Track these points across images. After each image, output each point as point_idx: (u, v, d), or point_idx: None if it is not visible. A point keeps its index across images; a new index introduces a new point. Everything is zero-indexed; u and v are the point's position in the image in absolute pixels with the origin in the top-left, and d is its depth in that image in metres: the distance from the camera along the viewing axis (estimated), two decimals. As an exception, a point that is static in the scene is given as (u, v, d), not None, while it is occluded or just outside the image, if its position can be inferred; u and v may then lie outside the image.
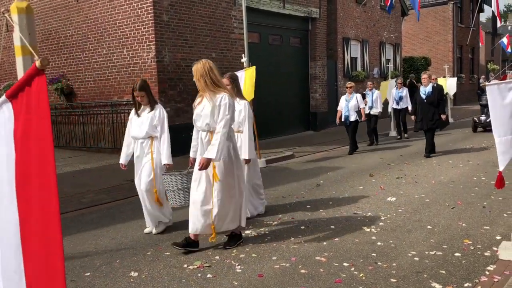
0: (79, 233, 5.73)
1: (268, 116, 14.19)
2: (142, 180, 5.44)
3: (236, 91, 5.68)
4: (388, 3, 18.90)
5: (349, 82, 11.65)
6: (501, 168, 4.33)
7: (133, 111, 5.60)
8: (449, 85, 17.75)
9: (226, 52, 12.79)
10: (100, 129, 12.08)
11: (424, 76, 10.42)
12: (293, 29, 16.08)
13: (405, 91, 13.52)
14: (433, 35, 29.33)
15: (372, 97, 12.57)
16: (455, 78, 19.15)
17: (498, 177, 4.33)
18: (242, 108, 5.65)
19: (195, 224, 4.72)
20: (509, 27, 36.43)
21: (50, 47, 13.40)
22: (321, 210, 6.25)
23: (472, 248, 4.60)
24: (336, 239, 5.03)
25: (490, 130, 13.83)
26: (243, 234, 5.13)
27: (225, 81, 5.63)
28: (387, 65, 19.82)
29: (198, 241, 4.81)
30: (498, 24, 25.19)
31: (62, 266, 1.24)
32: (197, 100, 4.79)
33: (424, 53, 27.79)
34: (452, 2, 28.61)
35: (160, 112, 5.46)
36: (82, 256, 4.86)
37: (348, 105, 11.08)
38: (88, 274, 4.35)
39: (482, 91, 15.51)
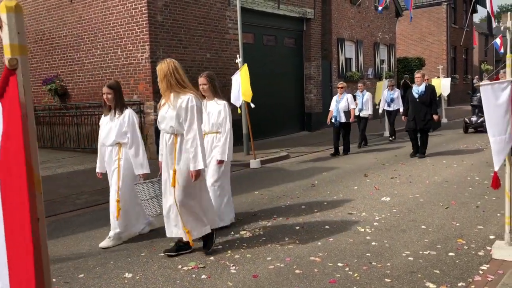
0: (73, 234, 5.70)
1: (262, 116, 14.19)
2: (111, 188, 5.22)
3: (214, 91, 5.49)
4: (382, 4, 18.96)
5: (340, 82, 11.44)
6: (496, 168, 4.33)
7: (103, 116, 5.33)
8: (443, 85, 17.79)
9: (221, 53, 12.78)
10: (95, 130, 12.02)
11: (417, 75, 10.30)
12: (288, 30, 16.09)
13: (396, 93, 13.24)
14: (427, 36, 29.45)
15: (363, 99, 12.25)
16: (449, 79, 19.21)
17: (494, 177, 4.33)
18: (222, 109, 5.42)
19: (169, 229, 4.65)
20: (502, 28, 36.64)
21: (44, 47, 13.34)
22: (315, 210, 6.26)
23: (466, 247, 4.61)
24: (331, 239, 5.04)
25: (481, 131, 13.74)
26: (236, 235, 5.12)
27: (202, 80, 5.46)
28: (381, 66, 19.87)
29: (189, 242, 4.70)
30: (493, 25, 25.31)
31: (32, 273, 1.22)
32: (162, 101, 4.58)
33: (418, 54, 27.90)
34: (446, 3, 28.75)
35: (129, 117, 5.14)
36: (76, 257, 4.83)
37: (338, 105, 10.87)
38: (82, 275, 4.33)
39: (473, 92, 15.55)
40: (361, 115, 12.13)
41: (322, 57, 17.51)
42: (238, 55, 10.58)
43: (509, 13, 4.32)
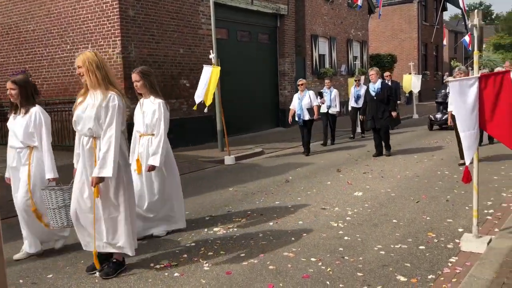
0: (42, 233, 5.55)
1: (237, 113, 14.15)
2: (18, 196, 4.60)
3: (150, 88, 5.08)
4: (357, 1, 19.16)
5: (300, 80, 11.09)
6: (467, 163, 4.41)
7: (12, 115, 4.73)
8: (414, 82, 18.10)
9: (194, 48, 12.67)
10: (65, 126, 11.76)
11: (371, 72, 10.06)
12: (262, 26, 16.08)
13: (363, 90, 12.78)
14: (399, 33, 29.91)
15: (330, 95, 12.05)
16: (420, 76, 19.56)
17: (465, 172, 4.41)
18: (157, 108, 4.99)
19: (83, 240, 4.22)
20: (469, 25, 37.54)
21: (11, 41, 12.95)
22: (289, 206, 6.28)
23: (436, 240, 4.70)
24: (304, 234, 5.06)
25: (446, 128, 13.85)
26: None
27: (134, 76, 5.07)
28: (354, 62, 20.09)
29: (124, 259, 4.26)
30: (467, 23, 25.93)
31: None
32: (79, 99, 4.05)
33: (391, 51, 28.31)
34: (417, 1, 29.24)
35: (36, 117, 4.59)
36: (44, 257, 4.71)
37: (301, 103, 10.51)
38: (51, 275, 4.22)
39: (439, 88, 15.72)
40: (329, 112, 12.00)
41: (296, 54, 17.57)
42: (211, 51, 10.50)
43: (475, 11, 4.41)
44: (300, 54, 17.92)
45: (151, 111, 5.04)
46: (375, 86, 9.93)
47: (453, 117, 7.96)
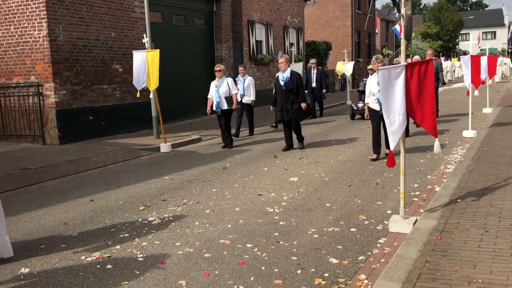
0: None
1: (173, 99, 13.88)
2: None
3: None
4: None
5: (218, 65, 10.20)
6: (392, 147, 4.64)
7: None
8: (346, 69, 18.90)
9: (127, 32, 12.22)
10: (-14, 113, 11.00)
11: (280, 60, 9.10)
12: (198, 10, 15.80)
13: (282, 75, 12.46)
14: (334, 21, 30.57)
15: (244, 84, 11.31)
16: (353, 62, 20.21)
17: (390, 156, 4.63)
18: None
19: None
20: (396, 15, 39.16)
21: None
22: (226, 193, 6.27)
23: (367, 223, 4.90)
24: (241, 221, 5.08)
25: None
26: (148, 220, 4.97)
27: None
28: (290, 49, 20.28)
29: None
30: (394, 12, 27.01)
31: None
32: None
33: (326, 38, 28.90)
34: (351, -11, 29.96)
35: None
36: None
37: (219, 91, 9.64)
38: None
39: (361, 76, 15.79)
40: (243, 101, 11.33)
41: (233, 39, 17.47)
42: (145, 35, 10.18)
43: (403, 1, 4.57)
44: (237, 40, 17.83)
45: None
46: (284, 75, 9.02)
47: (370, 109, 8.01)
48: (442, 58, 34.62)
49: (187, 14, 15.28)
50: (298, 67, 14.44)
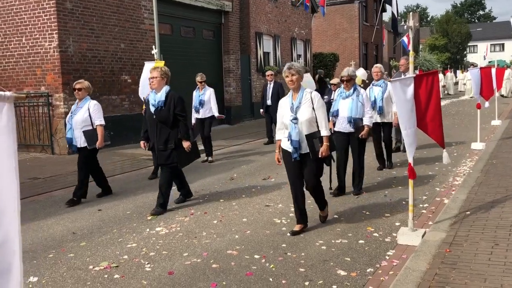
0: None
1: (181, 109, 13.95)
2: None
3: None
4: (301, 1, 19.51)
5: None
6: (410, 160, 4.58)
7: None
8: (359, 74, 18.81)
9: (136, 43, 12.35)
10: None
11: (153, 74, 5.90)
12: (206, 22, 15.94)
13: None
14: (341, 32, 30.70)
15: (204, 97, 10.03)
16: (362, 69, 20.23)
17: (409, 168, 4.56)
18: None
19: None
20: (405, 27, 39.21)
21: None
22: (234, 204, 6.27)
23: (375, 235, 4.87)
24: (248, 231, 5.07)
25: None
26: (154, 231, 4.97)
27: None
28: (298, 61, 20.38)
29: None
30: (401, 24, 27.12)
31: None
32: None
33: (333, 50, 29.00)
34: (358, 1, 30.14)
35: None
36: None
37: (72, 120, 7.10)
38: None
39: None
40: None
41: (241, 51, 17.58)
42: (154, 46, 10.28)
43: (411, 13, 4.60)
44: (245, 51, 17.95)
45: None
46: (157, 96, 5.84)
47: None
48: (451, 70, 34.47)
49: (195, 26, 15.42)
50: (310, 81, 10.97)
